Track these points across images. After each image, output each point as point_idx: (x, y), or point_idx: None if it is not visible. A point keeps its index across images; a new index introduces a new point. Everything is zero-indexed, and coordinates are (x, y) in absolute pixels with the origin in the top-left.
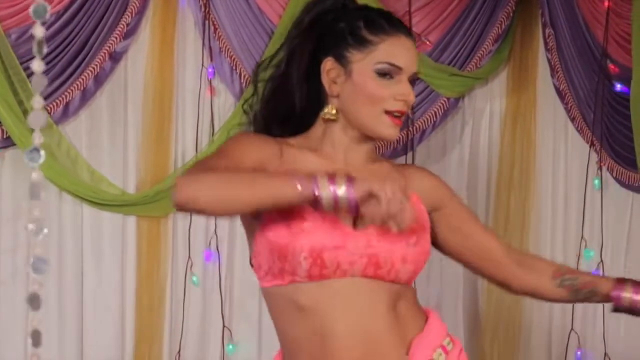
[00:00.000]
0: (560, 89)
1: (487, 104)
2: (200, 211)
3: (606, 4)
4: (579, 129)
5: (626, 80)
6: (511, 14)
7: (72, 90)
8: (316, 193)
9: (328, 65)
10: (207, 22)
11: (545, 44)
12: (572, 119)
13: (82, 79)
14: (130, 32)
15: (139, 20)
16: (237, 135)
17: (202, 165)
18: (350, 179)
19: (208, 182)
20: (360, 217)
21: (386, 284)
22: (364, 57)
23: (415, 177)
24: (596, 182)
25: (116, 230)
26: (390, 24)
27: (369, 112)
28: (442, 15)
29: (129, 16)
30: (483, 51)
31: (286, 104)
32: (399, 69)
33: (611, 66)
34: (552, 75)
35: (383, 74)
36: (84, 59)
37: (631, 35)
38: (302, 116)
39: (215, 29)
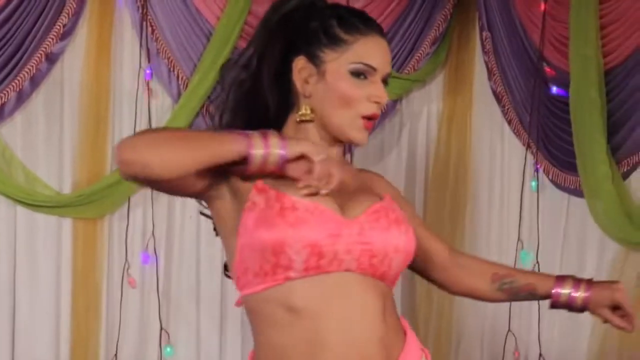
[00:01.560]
0: (497, 91)
1: (425, 106)
2: (142, 172)
3: (542, 7)
4: (515, 131)
5: (562, 83)
6: (449, 17)
7: (7, 92)
8: (250, 151)
9: (300, 64)
10: (144, 23)
11: (483, 46)
12: (509, 122)
13: (18, 80)
14: (67, 33)
15: (75, 21)
16: None
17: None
18: (283, 139)
19: (148, 139)
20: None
21: (377, 282)
22: (337, 56)
23: (379, 183)
24: (533, 184)
25: (51, 232)
26: (365, 23)
27: (342, 114)
28: (380, 18)
29: (65, 17)
30: (421, 54)
31: (258, 106)
32: (374, 69)
33: (547, 69)
34: (489, 78)
35: (357, 74)
36: (19, 60)
37: (567, 38)
38: (274, 118)
39: (153, 30)
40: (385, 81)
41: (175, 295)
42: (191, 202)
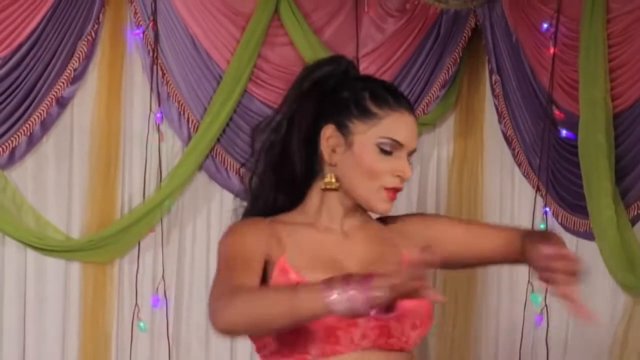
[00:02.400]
0: (507, 134)
1: (435, 150)
2: (239, 335)
3: (552, 50)
4: (525, 174)
5: (572, 126)
6: (458, 61)
7: (18, 136)
8: (333, 307)
9: (328, 132)
10: (155, 66)
11: (492, 90)
12: (519, 165)
13: (29, 125)
14: (77, 77)
15: (86, 65)
16: (230, 233)
17: (226, 286)
18: (361, 281)
19: (239, 309)
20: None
21: (395, 353)
22: (367, 129)
23: (402, 231)
24: (542, 227)
25: (60, 276)
26: (396, 99)
27: (367, 186)
28: (390, 61)
29: (76, 61)
30: (430, 97)
31: (285, 170)
32: (400, 145)
33: (557, 112)
34: (499, 121)
35: (384, 149)
36: (30, 104)
37: (576, 82)
38: (300, 183)
39: (164, 74)
40: (410, 156)
41: (185, 339)
42: (200, 245)
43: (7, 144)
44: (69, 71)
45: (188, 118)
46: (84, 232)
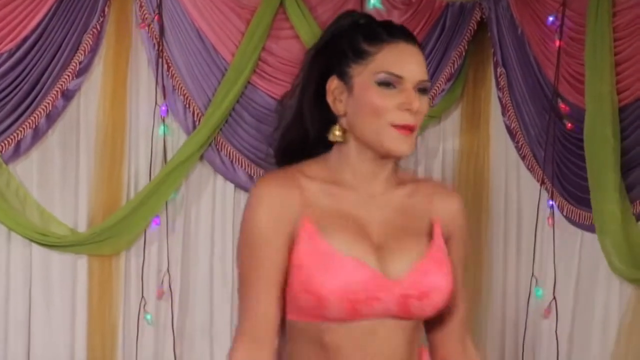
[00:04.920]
0: (511, 127)
1: (440, 143)
2: None
3: (557, 43)
4: (529, 167)
5: (577, 119)
6: (463, 54)
7: (23, 129)
8: None
9: (332, 84)
10: (160, 60)
11: (497, 83)
12: (523, 157)
13: (34, 117)
14: (82, 70)
15: (92, 58)
16: (250, 211)
17: (243, 319)
18: None
19: None
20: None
21: (411, 322)
22: (363, 69)
23: (440, 200)
24: (547, 220)
25: (66, 270)
26: (389, 31)
27: (375, 126)
28: None
29: (82, 54)
30: (436, 90)
31: (301, 131)
32: (399, 77)
33: (562, 105)
34: (503, 114)
35: (385, 84)
36: (36, 97)
37: (582, 75)
38: (318, 142)
39: (169, 67)
40: (423, 89)
41: (190, 332)
42: (205, 239)
43: (12, 137)
44: (74, 64)
45: (193, 111)
46: (90, 225)
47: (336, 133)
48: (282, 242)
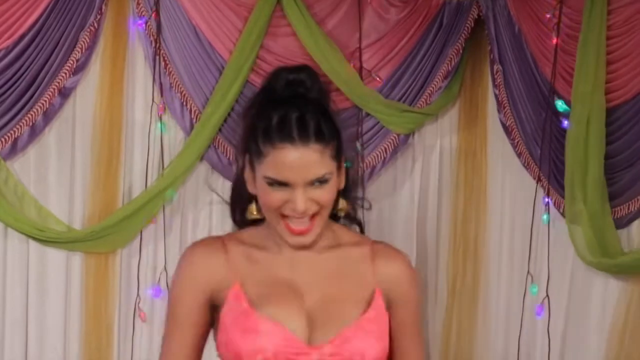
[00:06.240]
0: (507, 124)
1: (437, 140)
2: None
3: (554, 40)
4: (525, 164)
5: None
6: (461, 51)
7: (20, 126)
8: None
9: (246, 163)
10: (157, 57)
11: (493, 80)
12: (519, 155)
13: (31, 115)
14: (79, 68)
15: (89, 56)
16: (178, 269)
17: (163, 350)
18: None
19: None
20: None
21: None
22: (257, 165)
23: (383, 265)
24: (545, 217)
25: (62, 267)
26: (282, 132)
27: (270, 217)
28: (392, 52)
29: (78, 52)
30: (433, 87)
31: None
32: (283, 184)
33: (559, 102)
34: (499, 111)
35: (271, 184)
36: (32, 94)
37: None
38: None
39: (166, 65)
40: (323, 181)
41: None
42: (202, 236)
43: (9, 135)
44: (71, 62)
45: (190, 109)
46: (86, 223)
47: (253, 213)
48: (198, 304)
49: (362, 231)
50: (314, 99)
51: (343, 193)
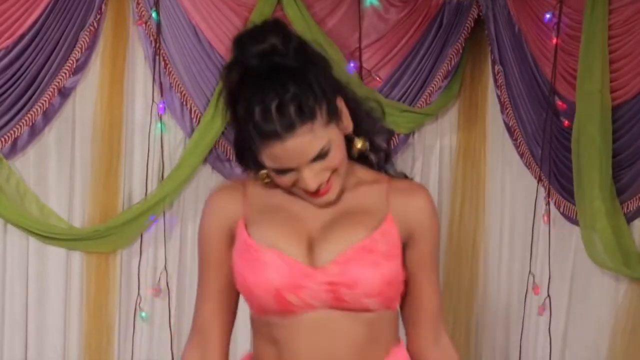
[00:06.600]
0: (510, 125)
1: (437, 140)
2: None
3: (554, 41)
4: (527, 164)
5: (573, 116)
6: (461, 51)
7: (20, 126)
8: None
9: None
10: (157, 57)
11: (495, 80)
12: (521, 155)
13: (31, 115)
14: (79, 68)
15: (88, 56)
16: (201, 221)
17: (197, 299)
18: None
19: None
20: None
21: (357, 313)
22: (258, 155)
23: (400, 197)
24: (544, 217)
25: (62, 266)
26: (266, 131)
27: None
28: (392, 52)
29: (78, 52)
30: (433, 87)
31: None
32: (286, 170)
33: (559, 102)
34: (502, 112)
35: (277, 172)
36: (32, 94)
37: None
38: None
39: (166, 65)
40: (322, 155)
41: (187, 330)
42: None
43: (9, 135)
44: (71, 62)
45: (190, 109)
46: (86, 222)
47: (265, 179)
48: (223, 245)
49: (387, 158)
50: (292, 69)
51: (355, 132)
